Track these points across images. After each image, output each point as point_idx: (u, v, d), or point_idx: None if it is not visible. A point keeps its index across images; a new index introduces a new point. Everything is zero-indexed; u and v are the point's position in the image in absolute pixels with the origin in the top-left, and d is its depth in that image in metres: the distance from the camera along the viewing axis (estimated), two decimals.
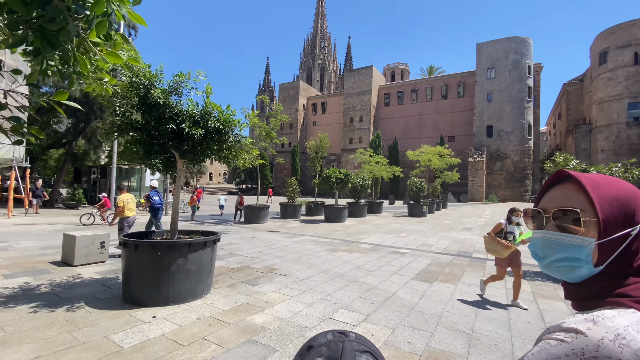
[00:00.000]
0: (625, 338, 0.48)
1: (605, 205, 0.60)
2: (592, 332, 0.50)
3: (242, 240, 9.53)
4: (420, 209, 18.23)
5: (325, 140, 18.01)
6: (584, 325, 0.52)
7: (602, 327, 0.50)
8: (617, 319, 0.52)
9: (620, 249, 0.60)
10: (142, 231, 4.93)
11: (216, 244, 4.60)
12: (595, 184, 0.63)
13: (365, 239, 10.52)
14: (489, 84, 40.88)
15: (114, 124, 4.17)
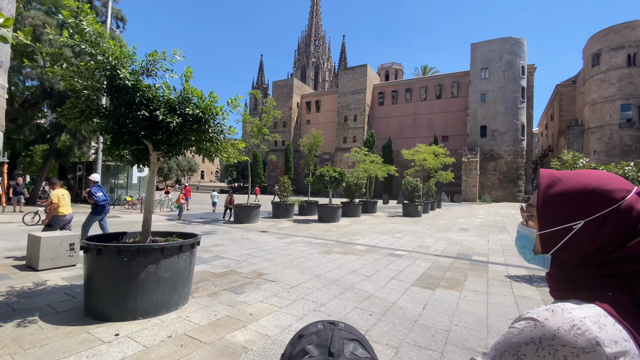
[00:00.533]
0: (580, 328, 0.52)
1: (547, 200, 0.66)
2: (549, 322, 0.54)
3: (230, 242, 8.98)
4: (415, 209, 17.86)
5: (319, 138, 17.51)
6: (543, 315, 0.55)
7: (559, 317, 0.54)
8: (576, 310, 0.55)
9: (564, 241, 0.63)
10: (111, 233, 4.36)
11: (195, 247, 4.07)
12: (554, 181, 0.67)
13: (360, 240, 10.05)
14: (483, 84, 40.84)
15: (76, 107, 3.60)
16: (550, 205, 0.65)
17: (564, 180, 0.66)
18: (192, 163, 78.35)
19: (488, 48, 41.10)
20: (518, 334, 0.56)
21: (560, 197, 0.64)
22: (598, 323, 0.53)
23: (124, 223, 12.55)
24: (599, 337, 0.51)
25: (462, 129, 43.02)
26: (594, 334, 0.51)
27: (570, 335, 0.52)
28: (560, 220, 0.64)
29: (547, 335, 0.53)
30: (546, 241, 0.67)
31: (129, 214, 16.02)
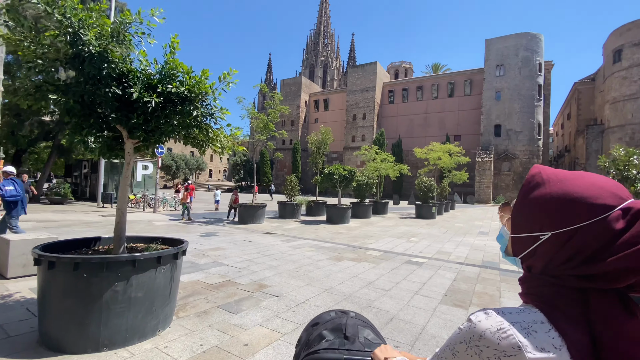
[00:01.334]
0: (506, 332, 0.53)
1: (522, 205, 0.63)
2: (481, 323, 0.56)
3: (232, 245, 8.23)
4: (429, 211, 16.91)
5: (327, 135, 16.70)
6: (479, 317, 0.58)
7: (491, 320, 0.56)
8: (511, 315, 0.56)
9: (531, 249, 0.62)
10: (80, 239, 3.63)
11: (179, 258, 3.30)
12: (537, 183, 0.63)
13: (373, 245, 9.22)
14: (497, 81, 39.48)
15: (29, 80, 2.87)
16: (524, 210, 0.63)
17: (547, 183, 0.61)
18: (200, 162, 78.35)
19: (503, 44, 39.73)
20: (459, 332, 0.60)
21: (536, 203, 0.61)
22: (529, 329, 0.54)
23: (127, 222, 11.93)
24: (522, 342, 0.52)
25: (475, 127, 41.71)
26: (517, 338, 0.52)
27: (494, 337, 0.54)
28: (531, 227, 0.62)
29: (475, 336, 0.56)
30: (516, 245, 0.66)
31: (130, 212, 15.44)
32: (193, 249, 7.40)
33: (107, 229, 9.86)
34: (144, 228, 10.66)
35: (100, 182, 18.98)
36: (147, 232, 9.87)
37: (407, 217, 17.54)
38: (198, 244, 8.08)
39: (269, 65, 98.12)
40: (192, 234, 9.73)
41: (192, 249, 7.39)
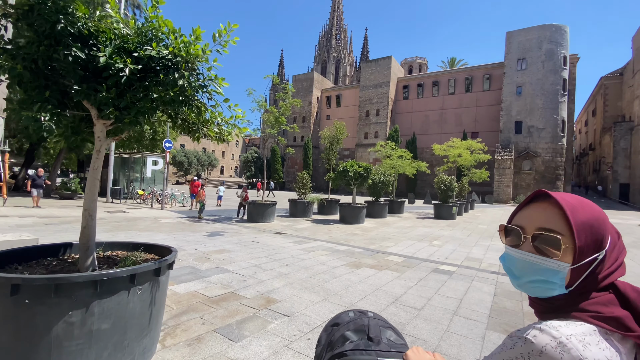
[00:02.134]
0: (566, 346, 0.54)
1: (581, 231, 0.63)
2: (537, 339, 0.57)
3: (238, 246, 7.53)
4: (448, 211, 15.91)
5: (341, 130, 15.87)
6: (532, 333, 0.58)
7: (547, 335, 0.57)
8: (563, 328, 0.58)
9: (588, 272, 0.64)
10: (47, 245, 2.94)
11: (163, 274, 2.57)
12: (572, 208, 0.65)
13: (393, 248, 8.38)
14: (519, 75, 37.72)
15: None
16: (586, 234, 0.63)
17: (577, 206, 0.65)
18: (212, 158, 78.65)
19: (525, 36, 37.89)
20: (510, 347, 0.59)
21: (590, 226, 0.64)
22: (583, 342, 0.55)
23: (128, 220, 11.43)
24: (583, 355, 0.53)
25: (494, 124, 40.06)
26: (579, 352, 0.53)
27: (556, 352, 0.54)
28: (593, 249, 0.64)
29: (534, 352, 0.55)
30: (576, 273, 0.65)
31: (138, 209, 15.02)
32: (196, 251, 6.73)
33: (110, 227, 9.33)
34: (148, 226, 10.10)
35: (110, 177, 18.65)
36: (151, 230, 9.30)
37: (425, 218, 16.57)
38: (202, 245, 7.41)
39: (280, 62, 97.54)
40: (198, 234, 9.10)
41: (194, 251, 6.71)
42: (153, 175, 21.94)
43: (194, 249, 7.01)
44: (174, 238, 8.20)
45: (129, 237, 7.92)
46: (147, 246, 3.20)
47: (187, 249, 6.91)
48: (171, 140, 15.81)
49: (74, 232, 8.08)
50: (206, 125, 2.72)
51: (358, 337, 0.69)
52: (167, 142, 15.29)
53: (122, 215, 12.28)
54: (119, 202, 18.06)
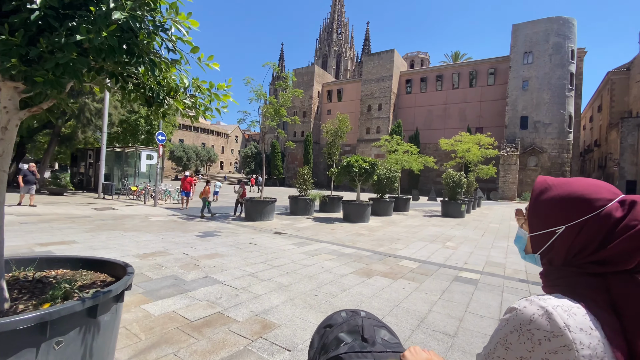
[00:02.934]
0: (552, 314, 0.58)
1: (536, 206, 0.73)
2: (526, 309, 0.61)
3: (233, 249, 6.72)
4: (457, 208, 15.11)
5: (345, 123, 15.00)
6: (522, 304, 0.62)
7: (535, 305, 0.60)
8: (551, 300, 0.61)
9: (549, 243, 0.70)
10: None
11: (108, 311, 1.74)
12: (545, 188, 0.73)
13: (404, 251, 7.58)
14: (525, 69, 36.74)
15: None
16: (538, 210, 0.72)
17: (553, 187, 0.72)
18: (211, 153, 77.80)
19: (532, 29, 36.86)
20: (505, 324, 0.63)
21: (547, 204, 0.71)
22: (569, 312, 0.59)
23: (115, 218, 10.61)
24: (567, 322, 0.57)
25: (498, 119, 39.15)
26: (564, 320, 0.57)
27: (543, 319, 0.58)
28: (546, 224, 0.70)
29: (525, 321, 0.59)
30: (535, 243, 0.74)
31: (129, 205, 14.19)
32: (184, 256, 5.92)
33: (92, 226, 8.50)
34: (136, 225, 9.29)
35: (101, 171, 17.82)
36: (138, 229, 8.48)
37: (432, 216, 15.77)
38: (192, 248, 6.60)
39: (281, 56, 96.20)
40: (189, 234, 8.29)
41: (182, 256, 5.90)
42: (148, 170, 21.10)
43: (181, 252, 6.19)
44: (162, 239, 7.38)
45: (111, 238, 7.10)
46: (99, 263, 2.36)
47: (174, 253, 6.09)
48: (164, 133, 14.93)
49: (47, 234, 7.26)
50: (173, 94, 1.87)
51: (352, 338, 0.67)
52: (159, 135, 14.43)
53: (110, 213, 11.46)
54: (111, 198, 17.24)
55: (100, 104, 17.88)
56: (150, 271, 4.84)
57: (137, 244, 6.76)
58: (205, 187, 12.37)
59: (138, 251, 6.08)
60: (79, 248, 6.04)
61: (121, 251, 5.99)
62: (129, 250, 6.14)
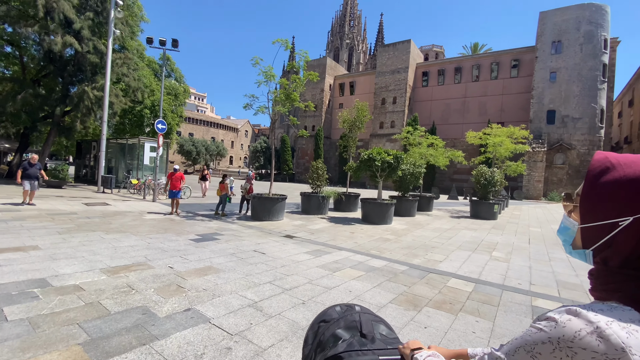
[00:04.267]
0: (604, 332, 0.47)
1: (593, 190, 0.58)
2: (571, 323, 0.50)
3: (233, 261, 5.30)
4: (489, 209, 13.42)
5: (364, 111, 13.42)
6: (565, 316, 0.52)
7: (582, 320, 0.50)
8: (604, 313, 0.51)
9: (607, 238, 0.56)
10: None
11: None
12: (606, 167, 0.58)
13: (446, 264, 6.06)
14: (553, 60, 34.30)
15: None
16: (596, 196, 0.57)
17: (618, 166, 0.57)
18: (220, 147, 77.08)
19: (562, 17, 34.33)
20: (536, 332, 0.53)
21: (609, 187, 0.56)
22: (628, 328, 0.48)
23: (105, 215, 9.33)
24: (625, 343, 0.46)
25: (522, 114, 36.82)
26: (621, 339, 0.47)
27: (592, 338, 0.48)
28: (605, 214, 0.56)
29: (566, 337, 0.50)
30: (587, 236, 0.60)
31: (127, 200, 12.97)
32: (168, 271, 4.52)
33: (72, 225, 7.20)
34: (125, 224, 7.98)
35: (101, 163, 16.69)
36: (123, 230, 7.16)
37: (459, 216, 14.11)
38: (181, 259, 5.20)
39: (291, 50, 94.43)
40: (183, 237, 6.92)
41: (165, 271, 4.50)
42: (152, 163, 19.93)
43: (166, 265, 4.80)
44: (147, 244, 6.02)
45: (85, 243, 5.76)
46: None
47: (156, 266, 4.71)
48: (165, 122, 13.63)
49: (9, 236, 5.96)
50: None
51: (350, 334, 0.63)
52: (159, 123, 13.14)
53: (101, 209, 10.21)
54: (110, 192, 16.10)
55: (101, 91, 16.72)
56: (112, 299, 3.45)
57: (115, 251, 5.41)
58: (220, 184, 10.92)
59: (110, 263, 4.71)
60: (35, 257, 4.70)
61: (88, 263, 4.63)
62: (99, 261, 4.78)
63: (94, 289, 3.66)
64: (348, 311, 0.69)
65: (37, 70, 19.08)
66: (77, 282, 3.84)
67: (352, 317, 0.65)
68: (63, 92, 17.29)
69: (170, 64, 27.41)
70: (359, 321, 0.64)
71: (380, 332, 0.64)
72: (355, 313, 0.67)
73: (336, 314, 0.67)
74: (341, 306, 0.71)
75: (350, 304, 0.72)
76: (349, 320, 0.64)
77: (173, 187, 10.32)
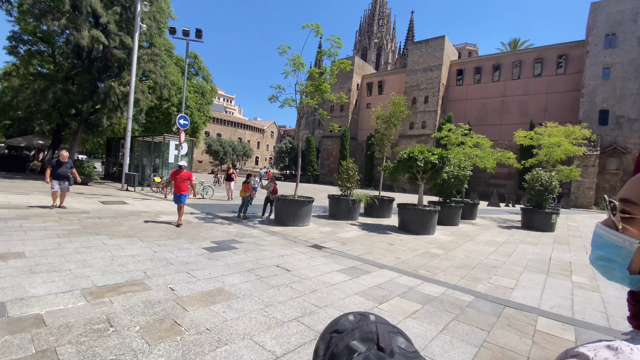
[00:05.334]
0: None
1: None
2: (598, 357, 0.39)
3: (251, 280, 4.21)
4: (545, 219, 11.62)
5: (400, 106, 12.06)
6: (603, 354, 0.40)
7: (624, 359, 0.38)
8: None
9: None
10: None
11: None
12: None
13: (520, 292, 4.68)
14: (606, 55, 31.04)
15: None
16: None
17: None
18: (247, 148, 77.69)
19: (616, 8, 31.04)
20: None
21: None
22: None
23: (118, 215, 8.63)
24: None
25: (569, 114, 33.65)
26: None
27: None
28: None
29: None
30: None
31: (146, 199, 12.38)
32: (166, 296, 3.49)
33: (79, 226, 6.44)
34: (134, 226, 7.16)
35: (126, 161, 16.38)
36: (131, 235, 6.32)
37: (509, 227, 12.35)
38: (187, 276, 4.18)
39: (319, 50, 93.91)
40: (196, 244, 5.95)
41: (162, 297, 3.47)
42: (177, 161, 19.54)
43: (166, 284, 3.79)
44: (152, 254, 5.08)
45: (80, 250, 4.90)
46: None
47: (153, 286, 3.70)
48: (187, 117, 12.96)
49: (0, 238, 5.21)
50: None
51: (366, 347, 0.56)
52: (181, 119, 12.48)
53: (116, 209, 9.55)
54: (134, 190, 15.73)
55: (127, 87, 16.46)
56: (76, 344, 2.42)
57: (111, 261, 4.49)
58: (244, 184, 9.90)
59: (98, 280, 3.76)
60: (12, 270, 3.84)
61: (70, 280, 3.70)
62: (87, 277, 3.84)
63: (60, 324, 2.67)
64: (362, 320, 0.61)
65: (70, 68, 19.27)
66: (43, 312, 2.87)
67: (368, 327, 0.58)
68: (91, 88, 17.19)
69: (197, 62, 27.25)
70: (375, 332, 0.56)
71: (398, 344, 0.57)
72: (371, 323, 0.59)
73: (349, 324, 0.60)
74: (354, 315, 0.63)
75: (365, 313, 0.63)
76: (365, 331, 0.57)
77: (177, 189, 7.93)
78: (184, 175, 8.10)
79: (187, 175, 8.17)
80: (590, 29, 32.38)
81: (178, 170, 8.17)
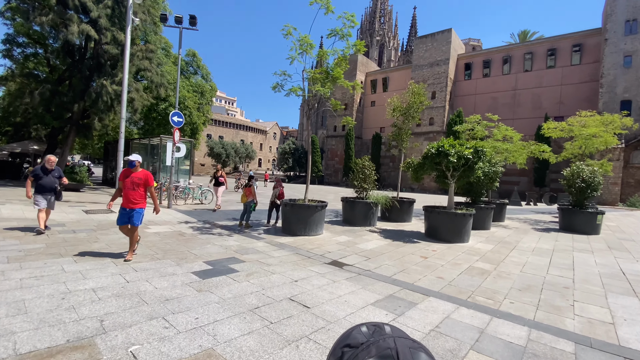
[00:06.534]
0: None
1: None
2: None
3: (256, 326, 2.90)
4: (589, 221, 10.21)
5: (420, 96, 10.72)
6: None
7: None
8: None
9: None
10: None
11: None
12: None
13: (629, 332, 3.29)
14: (627, 42, 29.38)
15: None
16: None
17: None
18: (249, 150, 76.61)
19: None
20: None
21: None
22: None
23: (100, 227, 7.38)
24: None
25: (587, 105, 31.75)
26: None
27: None
28: None
29: None
30: None
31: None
32: None
33: (42, 246, 5.18)
34: (115, 241, 5.89)
35: (119, 164, 15.15)
36: (106, 252, 5.04)
37: (544, 229, 10.93)
38: (163, 325, 2.88)
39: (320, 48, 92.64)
40: (185, 267, 4.66)
41: None
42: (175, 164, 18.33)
43: (127, 347, 2.49)
44: (122, 286, 3.79)
45: (34, 277, 3.63)
46: None
47: (105, 351, 2.41)
48: (181, 114, 11.72)
49: None
50: None
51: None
52: (174, 116, 11.27)
53: (99, 219, 8.31)
54: None
55: (120, 86, 15.29)
56: None
57: (60, 302, 3.20)
58: (246, 188, 8.56)
59: (24, 343, 2.47)
60: None
61: None
62: (10, 333, 2.56)
63: None
64: (378, 333, 0.53)
65: (63, 69, 18.20)
66: None
67: (385, 342, 0.50)
68: (82, 87, 16.05)
69: (196, 60, 26.09)
70: (394, 348, 0.48)
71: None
72: (389, 337, 0.51)
73: (363, 337, 0.53)
74: (368, 326, 0.56)
75: (379, 324, 0.56)
76: (382, 347, 0.48)
77: (126, 200, 5.09)
78: (136, 177, 5.01)
79: (144, 178, 5.05)
80: (609, 16, 30.73)
81: (129, 170, 5.09)
